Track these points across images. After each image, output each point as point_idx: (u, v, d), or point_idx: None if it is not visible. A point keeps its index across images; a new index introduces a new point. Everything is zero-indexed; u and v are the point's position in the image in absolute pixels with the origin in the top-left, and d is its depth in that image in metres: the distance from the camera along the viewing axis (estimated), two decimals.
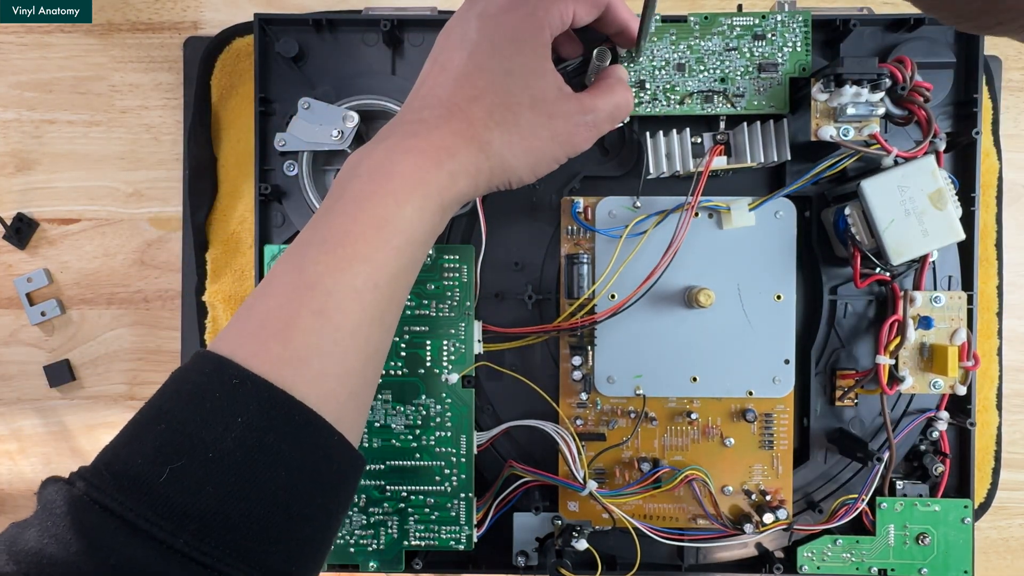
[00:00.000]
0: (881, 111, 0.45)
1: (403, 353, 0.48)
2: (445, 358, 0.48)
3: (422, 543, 0.48)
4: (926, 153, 0.45)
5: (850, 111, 0.44)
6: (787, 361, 0.49)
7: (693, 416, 0.50)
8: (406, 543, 0.49)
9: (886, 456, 0.47)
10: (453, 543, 0.48)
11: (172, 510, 0.28)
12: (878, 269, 0.46)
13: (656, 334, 0.49)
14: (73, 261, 0.59)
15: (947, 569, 0.48)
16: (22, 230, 0.58)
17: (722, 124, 0.48)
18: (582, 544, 0.47)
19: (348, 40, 0.52)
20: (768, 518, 0.48)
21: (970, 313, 0.48)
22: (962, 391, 0.47)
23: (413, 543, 0.49)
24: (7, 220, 0.57)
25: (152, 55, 0.58)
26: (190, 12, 0.58)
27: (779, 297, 0.49)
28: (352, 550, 0.48)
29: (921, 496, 0.49)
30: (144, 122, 0.58)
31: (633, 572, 0.48)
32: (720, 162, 0.47)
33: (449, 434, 0.48)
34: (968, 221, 0.48)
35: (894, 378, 0.47)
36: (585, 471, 0.48)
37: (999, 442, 0.55)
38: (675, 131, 0.48)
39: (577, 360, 0.50)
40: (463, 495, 0.48)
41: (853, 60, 0.43)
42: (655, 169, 0.48)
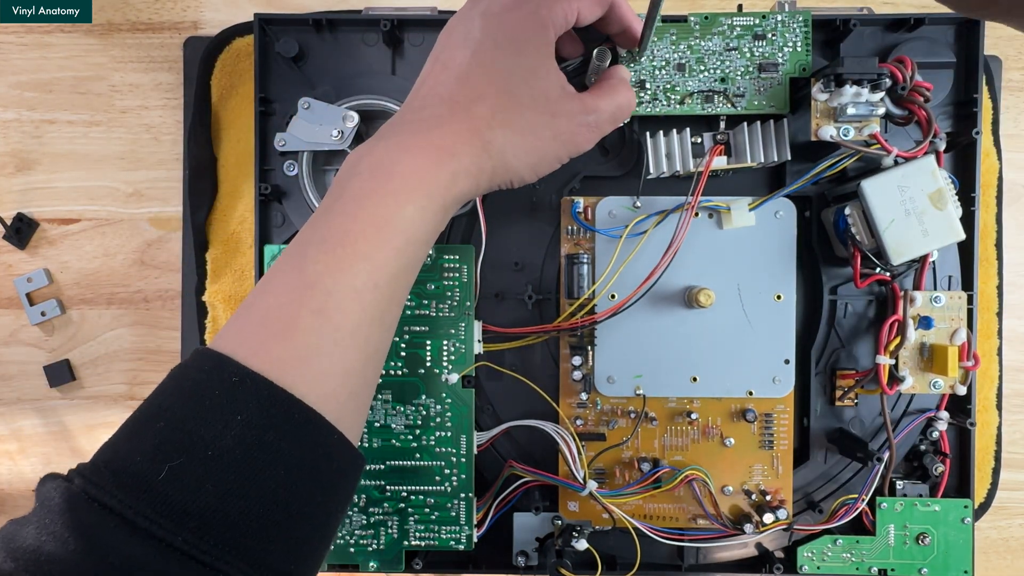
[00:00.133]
0: (881, 111, 0.45)
1: (403, 353, 0.48)
2: (445, 358, 0.48)
3: (422, 543, 0.48)
4: (926, 153, 0.45)
5: (850, 111, 0.44)
6: (787, 361, 0.49)
7: (693, 416, 0.49)
8: (406, 543, 0.48)
9: (886, 456, 0.47)
10: (453, 543, 0.48)
11: (171, 508, 0.28)
12: (878, 269, 0.46)
13: (656, 334, 0.49)
14: (73, 261, 0.59)
15: (947, 569, 0.48)
16: (22, 230, 0.58)
17: (722, 124, 0.48)
18: (582, 544, 0.47)
19: (348, 40, 0.52)
20: (768, 518, 0.48)
21: (970, 313, 0.48)
22: (962, 391, 0.47)
23: (413, 543, 0.48)
24: (7, 220, 0.57)
25: (152, 55, 0.58)
26: (190, 12, 0.58)
27: (779, 297, 0.49)
28: (352, 550, 0.48)
29: (921, 496, 0.49)
30: (144, 122, 0.58)
31: (633, 572, 0.48)
32: (720, 162, 0.47)
33: (449, 434, 0.48)
34: (968, 221, 0.48)
35: (894, 378, 0.47)
36: (585, 471, 0.48)
37: (999, 442, 0.55)
38: (675, 131, 0.48)
39: (577, 360, 0.50)
40: (463, 495, 0.48)
41: (853, 60, 0.43)
42: (655, 169, 0.48)
